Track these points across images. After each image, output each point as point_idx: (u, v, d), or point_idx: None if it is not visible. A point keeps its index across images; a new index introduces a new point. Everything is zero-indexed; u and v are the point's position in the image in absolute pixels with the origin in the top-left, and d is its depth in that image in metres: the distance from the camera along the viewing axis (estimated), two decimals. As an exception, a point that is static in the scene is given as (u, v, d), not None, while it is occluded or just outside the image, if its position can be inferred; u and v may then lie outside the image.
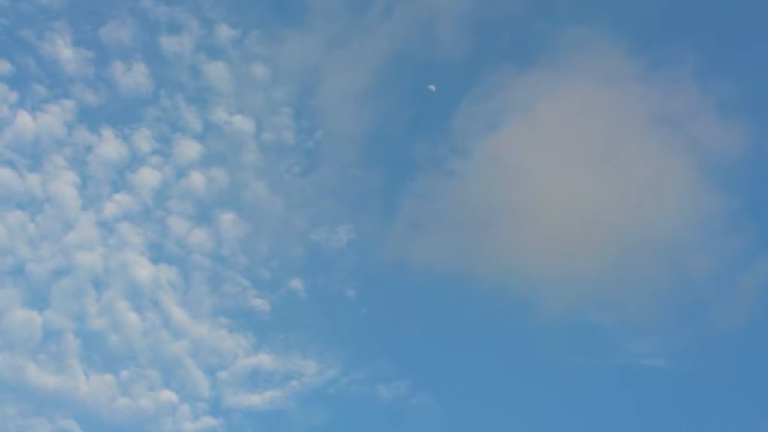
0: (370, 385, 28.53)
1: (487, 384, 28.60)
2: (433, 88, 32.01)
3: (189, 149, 30.78)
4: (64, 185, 29.40)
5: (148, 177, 30.09)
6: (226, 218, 30.07)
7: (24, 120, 29.67)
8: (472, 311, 29.33)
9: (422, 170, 31.45)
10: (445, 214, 30.82)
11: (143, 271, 28.85)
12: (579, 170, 31.14)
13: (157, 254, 29.40)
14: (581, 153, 31.44)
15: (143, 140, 30.52)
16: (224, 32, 31.72)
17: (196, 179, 30.35)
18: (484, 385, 28.53)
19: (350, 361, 28.91)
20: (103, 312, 28.25)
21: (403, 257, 29.76)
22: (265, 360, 28.70)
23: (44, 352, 27.35)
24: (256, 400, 28.16)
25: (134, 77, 30.81)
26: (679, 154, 31.42)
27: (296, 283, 29.78)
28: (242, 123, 31.18)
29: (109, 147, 30.19)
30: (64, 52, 30.40)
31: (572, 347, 28.78)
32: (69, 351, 27.50)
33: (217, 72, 31.42)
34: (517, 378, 28.87)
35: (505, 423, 28.03)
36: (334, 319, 29.85)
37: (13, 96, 29.77)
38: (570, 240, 29.71)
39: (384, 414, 28.36)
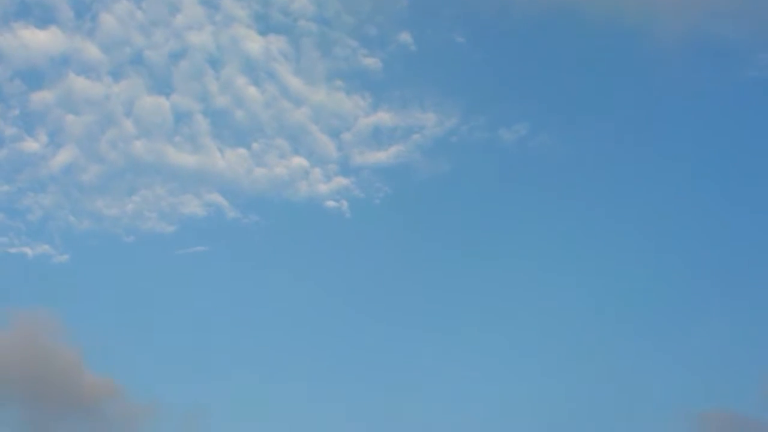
0: (491, 129, 28.92)
1: (608, 120, 28.49)
2: None
3: None
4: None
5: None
6: (325, -21, 29.35)
7: None
8: (586, 45, 28.52)
9: None
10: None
11: (254, 44, 29.08)
12: None
13: (264, 25, 29.39)
14: None
15: None
16: None
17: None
18: (604, 121, 28.45)
19: (468, 108, 29.13)
20: (225, 89, 29.05)
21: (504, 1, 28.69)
22: (384, 117, 29.31)
23: (178, 134, 28.80)
24: (381, 156, 29.20)
25: None
26: None
27: (404, 37, 29.45)
28: None
29: None
30: None
31: (697, 66, 27.82)
32: (201, 130, 28.85)
33: None
34: (639, 109, 28.52)
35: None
36: (447, 68, 29.72)
37: None
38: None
39: (506, 157, 28.99)
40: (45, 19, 28.05)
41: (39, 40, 27.92)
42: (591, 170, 28.89)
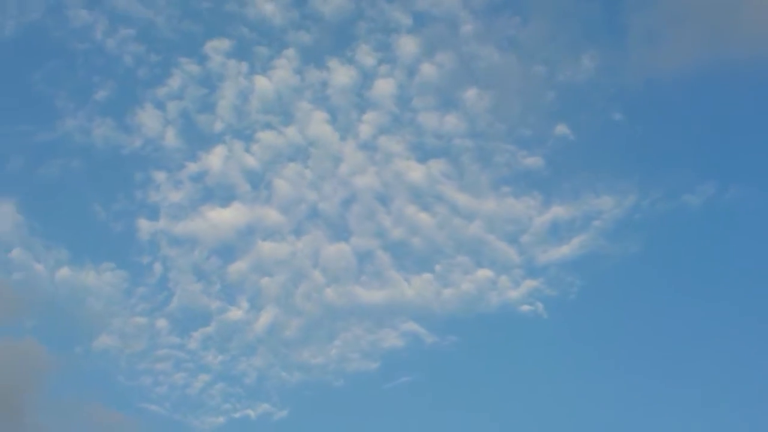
0: (674, 198, 27.73)
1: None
2: None
3: (408, 45, 31.09)
4: (318, 125, 31.15)
5: (384, 87, 30.92)
6: (469, 95, 30.24)
7: (261, 83, 31.63)
8: (747, 95, 27.14)
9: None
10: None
11: (416, 173, 30.06)
12: None
13: (422, 153, 30.42)
14: None
15: (365, 56, 31.27)
16: None
17: (428, 70, 30.70)
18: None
19: (644, 182, 28.23)
20: (398, 222, 29.97)
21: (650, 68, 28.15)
22: (559, 211, 28.92)
23: (364, 273, 29.76)
24: (565, 250, 28.59)
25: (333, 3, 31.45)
26: None
27: (561, 128, 29.42)
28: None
29: (340, 75, 31.34)
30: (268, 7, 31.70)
31: None
32: (383, 264, 29.65)
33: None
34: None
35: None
36: (611, 148, 29.18)
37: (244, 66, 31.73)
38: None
39: (696, 220, 27.51)
40: (227, 198, 30.52)
41: (225, 218, 30.33)
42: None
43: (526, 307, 27.75)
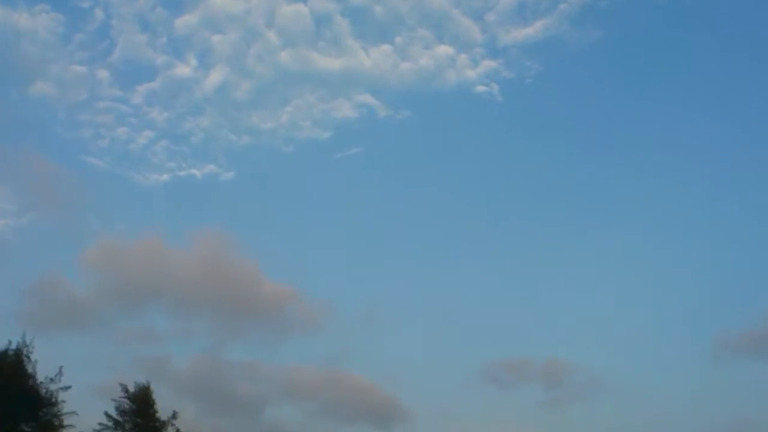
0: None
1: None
2: None
3: None
4: None
5: None
6: None
7: None
8: None
9: None
10: None
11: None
12: None
13: None
14: None
15: None
16: None
17: None
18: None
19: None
20: (360, -13, 28.41)
21: None
22: (528, -10, 27.84)
23: (321, 39, 28.54)
24: (528, 31, 27.86)
25: None
26: None
27: None
28: None
29: None
30: None
31: None
32: (342, 31, 28.46)
33: None
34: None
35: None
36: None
37: None
38: None
39: (659, 12, 26.65)
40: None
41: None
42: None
43: (481, 88, 27.36)
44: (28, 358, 16.36)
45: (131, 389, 25.88)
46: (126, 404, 25.97)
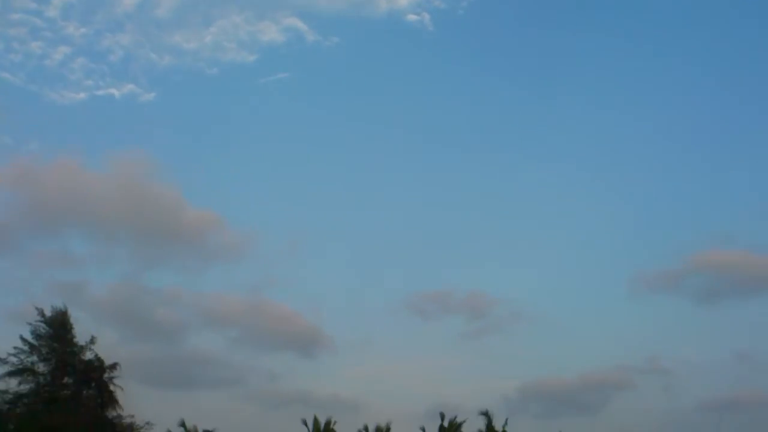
0: None
1: None
2: None
3: None
4: None
5: None
6: None
7: None
8: None
9: None
10: None
11: None
12: None
13: None
14: None
15: None
16: None
17: None
18: None
19: None
20: None
21: None
22: None
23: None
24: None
25: None
26: None
27: None
28: None
29: None
30: None
31: None
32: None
33: None
34: None
35: None
36: None
37: None
38: None
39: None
40: None
41: None
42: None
43: (412, 17, 26.70)
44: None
45: (48, 314, 25.48)
46: (42, 328, 25.68)
